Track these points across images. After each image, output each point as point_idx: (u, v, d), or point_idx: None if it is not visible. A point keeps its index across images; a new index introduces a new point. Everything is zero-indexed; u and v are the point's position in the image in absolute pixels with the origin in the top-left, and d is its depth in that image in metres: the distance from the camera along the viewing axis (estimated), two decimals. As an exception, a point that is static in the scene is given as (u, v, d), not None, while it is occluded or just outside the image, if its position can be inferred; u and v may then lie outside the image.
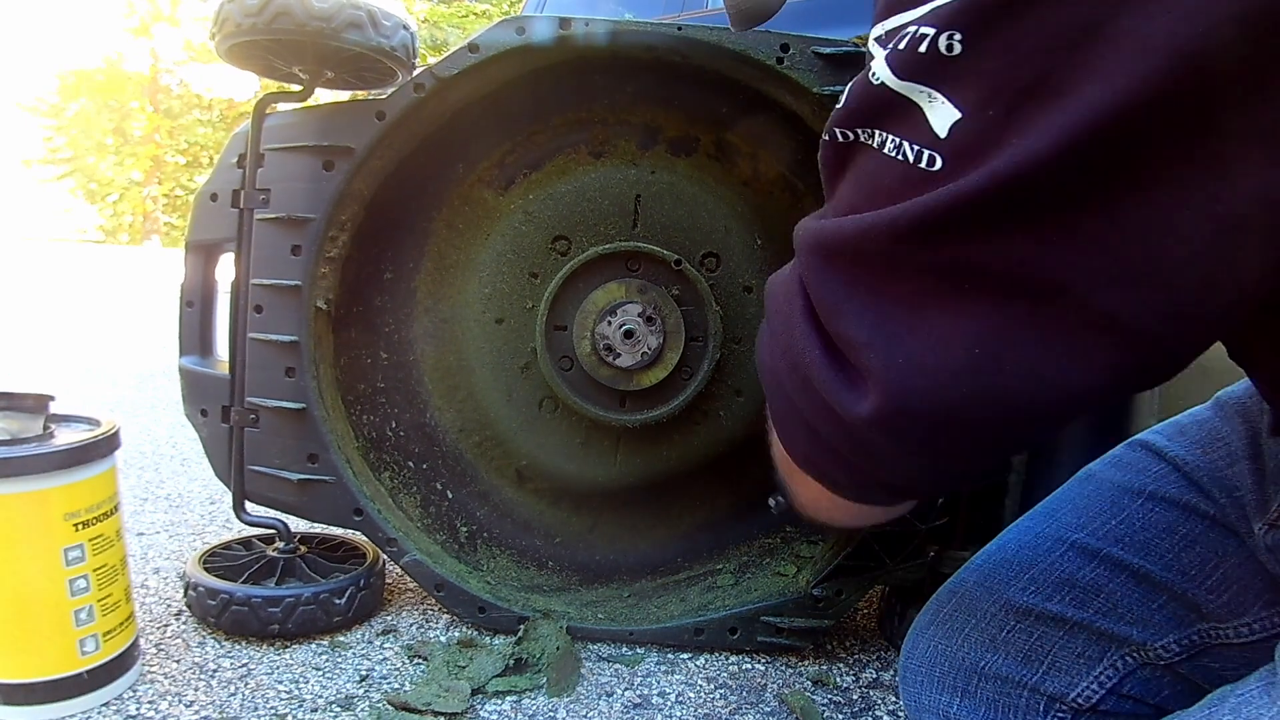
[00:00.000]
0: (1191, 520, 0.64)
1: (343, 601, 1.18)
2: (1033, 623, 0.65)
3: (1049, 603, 0.65)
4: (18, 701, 0.92)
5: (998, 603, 0.67)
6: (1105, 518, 0.68)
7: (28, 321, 5.43)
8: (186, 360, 1.24)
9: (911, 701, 0.70)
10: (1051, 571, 0.67)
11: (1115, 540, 0.66)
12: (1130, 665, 0.63)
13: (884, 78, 0.37)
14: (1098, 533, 0.67)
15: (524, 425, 1.28)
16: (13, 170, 32.77)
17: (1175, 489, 0.66)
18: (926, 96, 0.36)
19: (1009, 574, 0.68)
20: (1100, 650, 0.64)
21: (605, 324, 1.18)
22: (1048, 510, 0.73)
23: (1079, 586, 0.65)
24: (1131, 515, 0.66)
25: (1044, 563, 0.67)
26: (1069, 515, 0.70)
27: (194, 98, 30.08)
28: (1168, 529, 0.65)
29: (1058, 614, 0.65)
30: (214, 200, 1.19)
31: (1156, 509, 0.66)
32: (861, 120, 0.40)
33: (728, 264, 1.22)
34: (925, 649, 0.70)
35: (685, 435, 1.27)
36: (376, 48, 1.08)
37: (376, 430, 1.29)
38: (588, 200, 1.22)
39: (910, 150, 0.37)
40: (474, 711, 1.00)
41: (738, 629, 1.17)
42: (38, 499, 0.91)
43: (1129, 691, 0.64)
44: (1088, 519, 0.68)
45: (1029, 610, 0.66)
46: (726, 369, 1.23)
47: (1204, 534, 0.63)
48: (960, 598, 0.70)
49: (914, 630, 0.72)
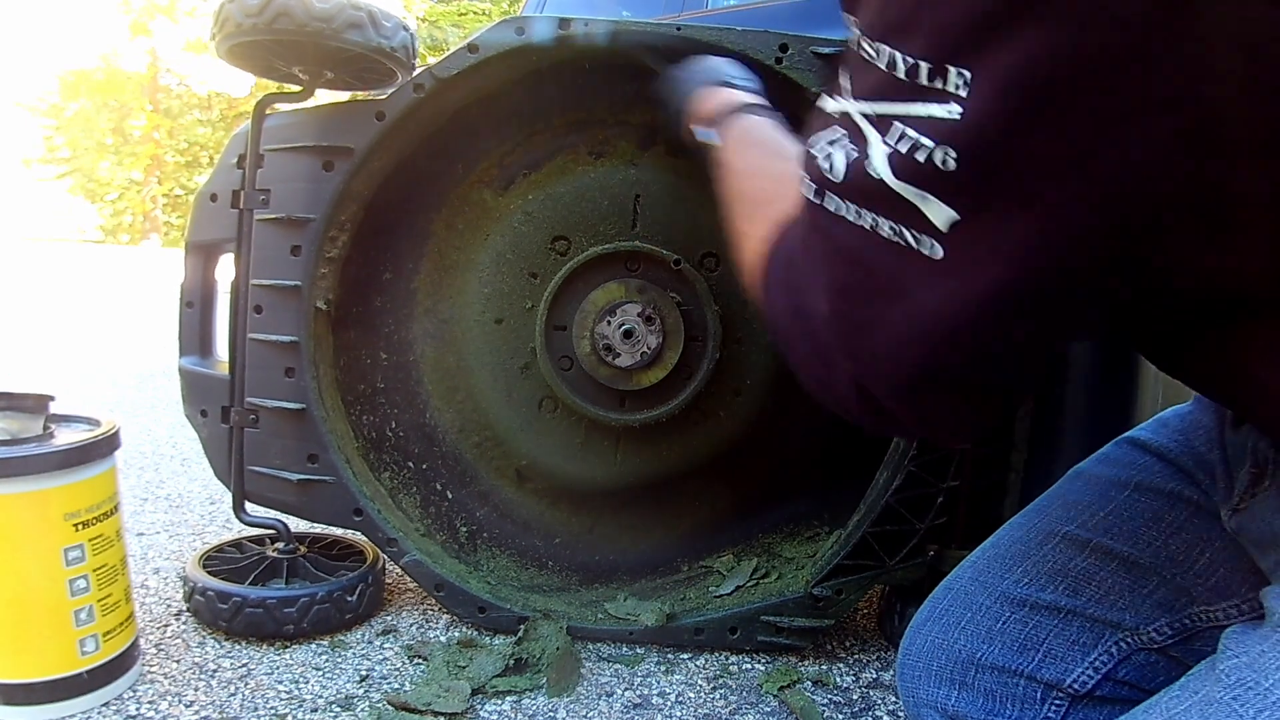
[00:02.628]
0: (1177, 508, 0.66)
1: (354, 599, 1.18)
2: (1027, 612, 0.67)
3: (1043, 592, 0.67)
4: (18, 701, 0.93)
5: (993, 595, 0.69)
6: (1094, 510, 0.70)
7: (28, 321, 5.43)
8: (186, 361, 1.24)
9: (909, 696, 0.70)
10: (1044, 563, 0.69)
11: (1104, 531, 0.68)
12: (1124, 650, 0.65)
13: (883, 175, 0.41)
14: (1087, 524, 0.69)
15: (524, 425, 1.28)
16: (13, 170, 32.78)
17: (1160, 478, 0.68)
18: (922, 199, 0.40)
19: (1003, 567, 0.70)
20: (1094, 636, 0.65)
21: (605, 324, 1.18)
22: (1039, 507, 0.75)
23: (1071, 576, 0.67)
24: (1119, 506, 0.69)
25: (1036, 555, 0.69)
26: (1059, 510, 0.72)
27: (194, 97, 30.09)
28: (1154, 517, 0.67)
29: (1051, 603, 0.66)
30: (214, 201, 1.19)
31: (1143, 499, 0.68)
32: (857, 199, 0.43)
33: (727, 264, 1.22)
34: (922, 644, 0.71)
35: (685, 435, 1.27)
36: (376, 48, 1.08)
37: (376, 430, 1.29)
38: (587, 200, 1.22)
39: (910, 236, 0.41)
40: (474, 711, 1.00)
41: (738, 629, 1.17)
42: (38, 499, 0.91)
43: (1124, 677, 0.65)
44: (1077, 512, 0.71)
45: (1024, 600, 0.67)
46: (726, 369, 1.23)
47: (1189, 520, 0.66)
48: (956, 593, 0.72)
49: (911, 627, 0.73)
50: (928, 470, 1.13)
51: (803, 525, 1.31)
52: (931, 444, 1.09)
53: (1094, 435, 1.18)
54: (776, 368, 1.25)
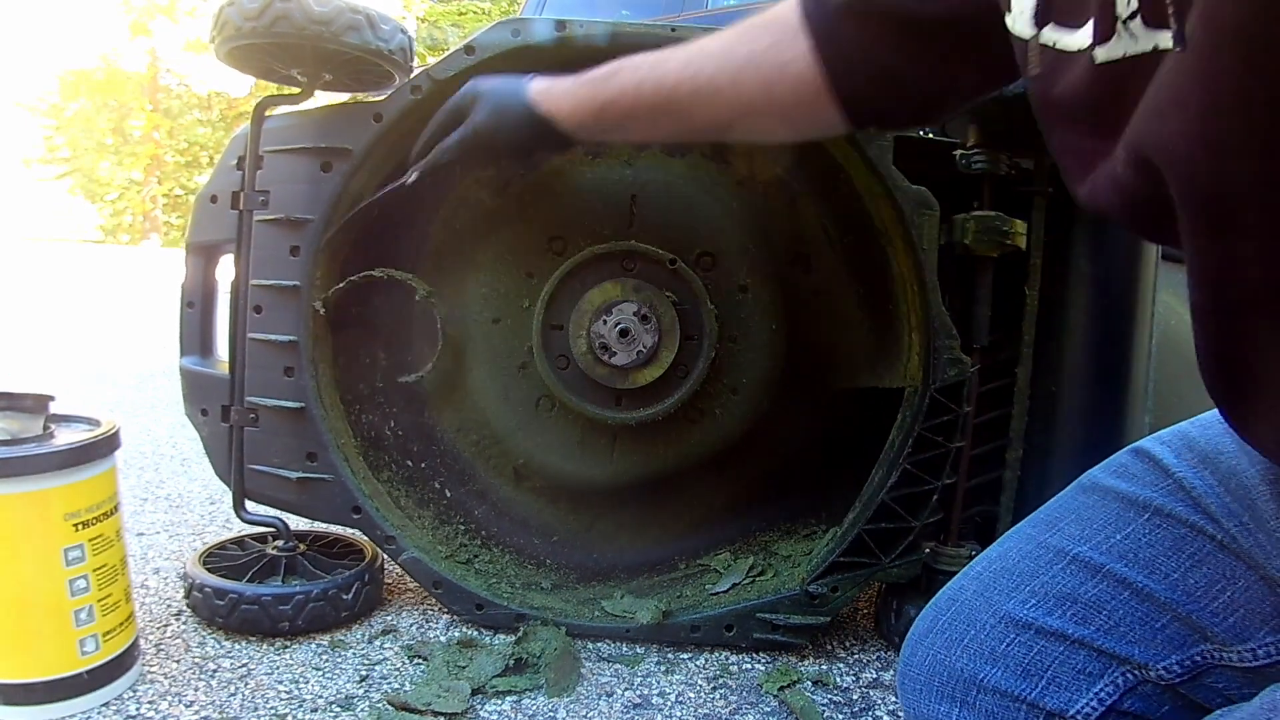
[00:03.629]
0: (1199, 540, 0.63)
1: (350, 597, 1.19)
2: (1032, 636, 0.64)
3: (1049, 617, 0.64)
4: (18, 701, 0.93)
5: (996, 614, 0.66)
6: (1109, 531, 0.66)
7: (28, 322, 5.43)
8: (187, 360, 1.25)
9: (910, 710, 0.69)
10: (1053, 585, 0.66)
11: (1119, 555, 0.64)
12: (1131, 682, 0.62)
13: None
14: (1101, 546, 0.66)
15: (521, 424, 1.29)
16: (13, 170, 32.76)
17: (1182, 507, 0.64)
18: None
19: (1009, 585, 0.67)
20: (1101, 667, 0.63)
21: (601, 323, 1.19)
22: (1050, 519, 0.71)
23: (1080, 602, 0.64)
24: (1137, 530, 0.65)
25: (1045, 575, 0.66)
26: (1072, 526, 0.68)
27: (194, 97, 30.07)
28: (1174, 547, 0.63)
29: (1058, 630, 0.64)
30: (214, 202, 1.20)
31: (1162, 525, 0.64)
32: None
33: (722, 263, 1.22)
34: (924, 657, 0.69)
35: (681, 433, 1.27)
36: (374, 50, 1.09)
37: (375, 429, 1.29)
38: (583, 201, 1.23)
39: None
40: (474, 711, 1.01)
41: (734, 626, 1.18)
42: (38, 499, 0.91)
43: (1129, 708, 0.63)
44: (1091, 531, 0.67)
45: (1028, 624, 0.65)
46: (722, 367, 1.24)
47: (1211, 554, 0.62)
48: (959, 606, 0.69)
49: (913, 637, 0.71)
50: (923, 468, 1.13)
51: (799, 523, 1.31)
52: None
53: (1089, 431, 1.19)
54: (772, 366, 1.25)
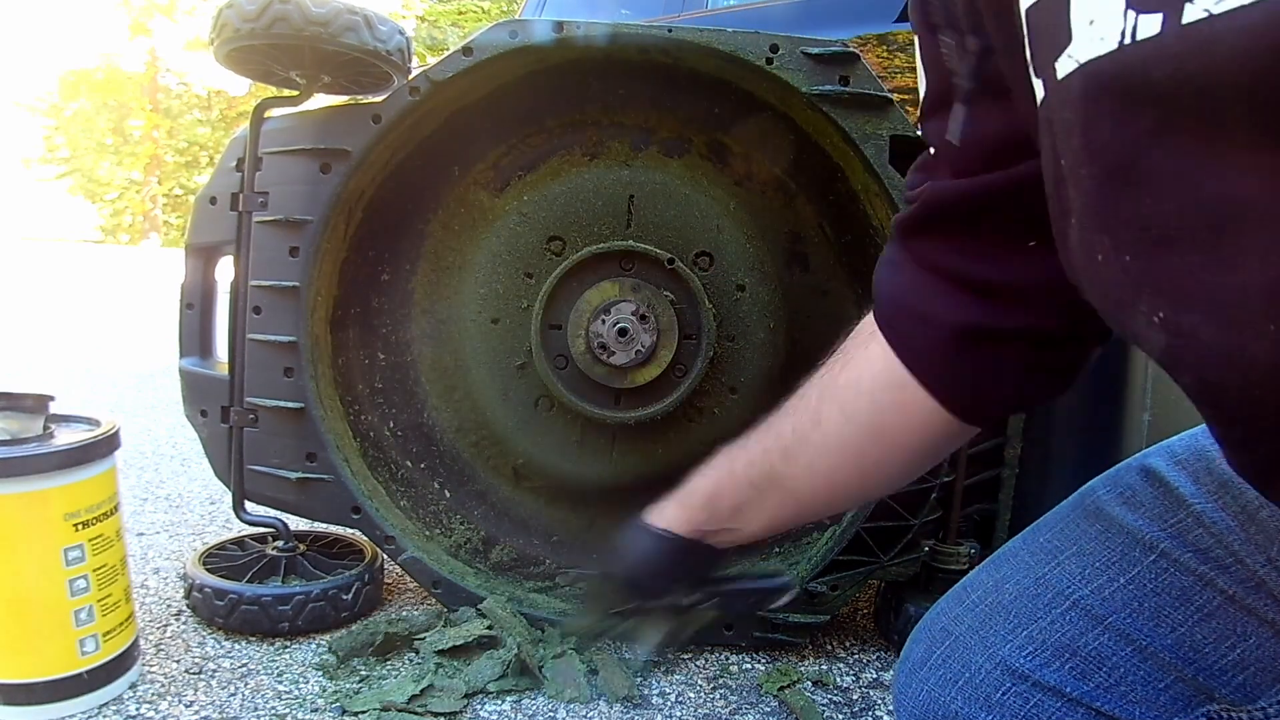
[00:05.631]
0: (1207, 592, 0.60)
1: (349, 596, 1.19)
2: (1029, 689, 0.61)
3: (1047, 669, 0.61)
4: (18, 701, 0.93)
5: (993, 659, 0.63)
6: (1113, 573, 0.63)
7: (28, 321, 5.44)
8: (186, 361, 1.25)
9: None
10: (1051, 633, 0.62)
11: (1123, 604, 0.61)
12: None
13: None
14: (1104, 591, 0.62)
15: (520, 424, 1.29)
16: (13, 170, 32.77)
17: (1191, 554, 0.61)
18: None
19: (1006, 627, 0.64)
20: None
21: (599, 322, 1.19)
22: (1050, 548, 0.67)
23: (1080, 655, 0.61)
24: (1142, 574, 0.62)
25: (1044, 620, 0.63)
26: (1073, 563, 0.65)
27: (193, 97, 30.08)
28: (1181, 597, 0.60)
29: (1055, 685, 0.61)
30: (213, 203, 1.20)
31: (1169, 570, 0.61)
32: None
33: (720, 263, 1.23)
34: (918, 692, 0.66)
35: (680, 433, 1.27)
36: (373, 52, 1.09)
37: (374, 430, 1.30)
38: (582, 201, 1.23)
39: None
40: (473, 711, 1.01)
41: (733, 625, 1.18)
42: (38, 499, 0.91)
43: None
44: (1094, 572, 0.63)
45: (1026, 675, 0.62)
46: (720, 366, 1.24)
47: (1221, 608, 0.59)
48: (954, 642, 0.67)
49: (906, 667, 0.69)
50: (921, 467, 1.13)
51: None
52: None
53: (1087, 428, 1.19)
54: (771, 365, 1.25)
